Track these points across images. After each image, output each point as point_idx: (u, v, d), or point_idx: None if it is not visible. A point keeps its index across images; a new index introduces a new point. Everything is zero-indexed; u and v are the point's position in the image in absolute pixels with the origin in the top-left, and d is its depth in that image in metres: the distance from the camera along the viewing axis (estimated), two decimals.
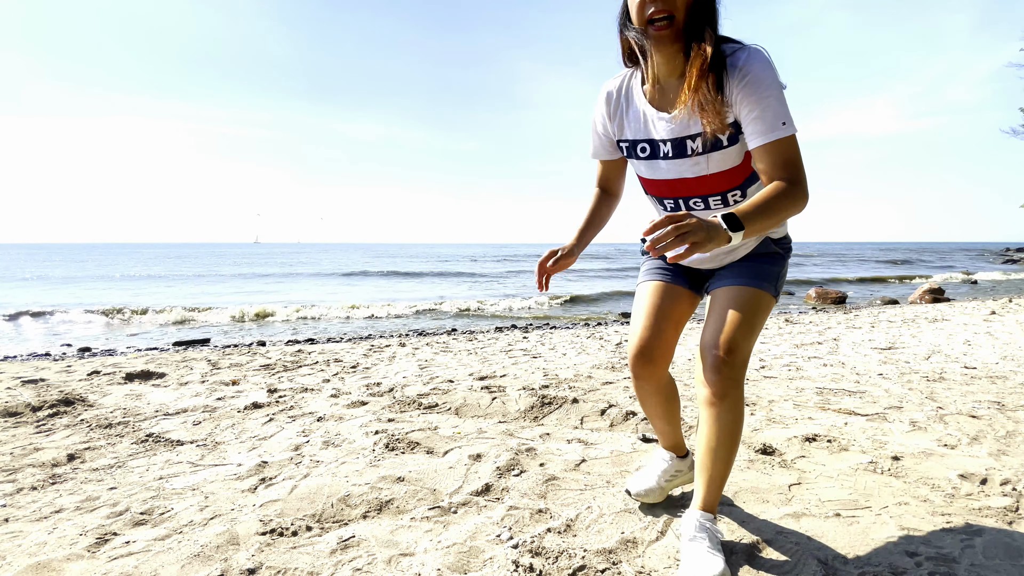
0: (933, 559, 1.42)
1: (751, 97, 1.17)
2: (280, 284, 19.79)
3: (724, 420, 1.32)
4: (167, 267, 30.39)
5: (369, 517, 1.72)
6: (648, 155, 1.37)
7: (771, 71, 1.17)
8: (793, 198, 1.16)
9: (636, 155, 1.40)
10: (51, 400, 3.25)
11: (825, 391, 3.20)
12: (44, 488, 2.02)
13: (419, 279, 22.01)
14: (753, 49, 1.19)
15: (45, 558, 1.49)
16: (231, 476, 2.08)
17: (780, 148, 1.17)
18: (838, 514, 1.67)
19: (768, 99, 1.16)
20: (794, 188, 1.16)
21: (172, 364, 4.76)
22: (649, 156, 1.37)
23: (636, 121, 1.36)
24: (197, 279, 22.24)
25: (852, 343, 5.15)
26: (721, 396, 1.30)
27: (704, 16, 1.20)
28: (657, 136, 1.33)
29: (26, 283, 20.80)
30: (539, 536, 1.56)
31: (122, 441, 2.56)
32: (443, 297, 14.17)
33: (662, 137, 1.32)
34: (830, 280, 19.09)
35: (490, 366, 4.35)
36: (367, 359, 4.90)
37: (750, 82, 1.17)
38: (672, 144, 1.31)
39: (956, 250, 71.42)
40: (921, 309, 8.88)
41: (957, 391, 3.12)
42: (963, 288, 16.33)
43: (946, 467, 1.99)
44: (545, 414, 2.84)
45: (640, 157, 1.39)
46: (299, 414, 2.95)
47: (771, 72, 1.17)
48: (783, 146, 1.17)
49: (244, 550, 1.52)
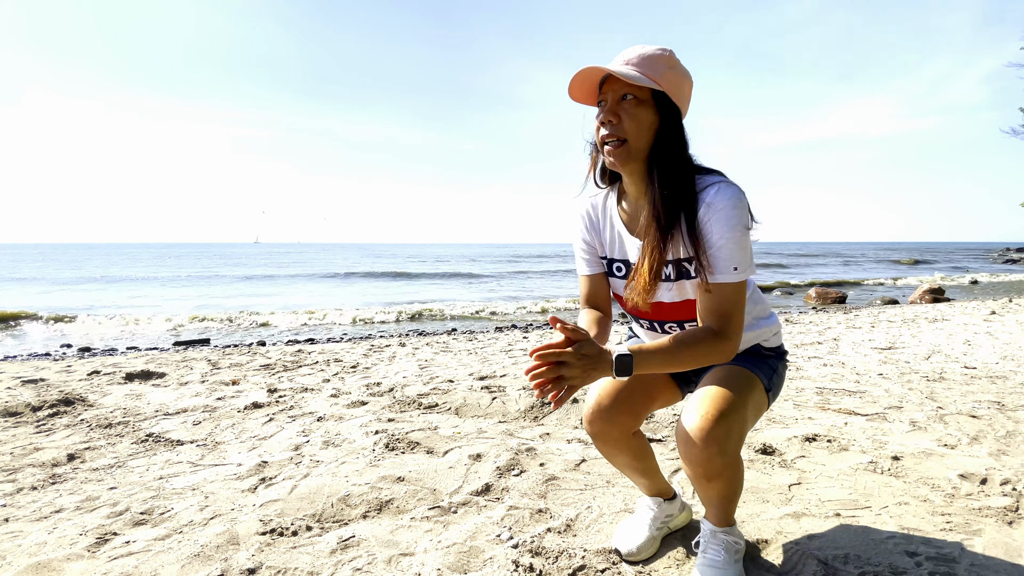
0: (933, 559, 1.42)
1: (712, 235, 1.13)
2: (271, 287, 18.86)
3: (722, 491, 1.22)
4: (165, 269, 29.98)
5: (369, 517, 1.72)
6: (623, 275, 1.33)
7: (737, 211, 1.12)
8: (712, 350, 1.13)
9: (613, 273, 1.37)
10: (51, 400, 3.25)
11: (825, 391, 3.20)
12: (44, 488, 2.02)
13: (415, 280, 21.50)
14: (724, 185, 1.14)
15: (45, 558, 1.49)
16: (231, 476, 2.08)
17: (722, 292, 1.14)
18: (838, 514, 1.67)
19: (727, 240, 1.12)
20: (718, 340, 1.13)
21: (172, 364, 4.76)
22: (625, 276, 1.33)
23: (612, 241, 1.33)
24: (192, 280, 21.80)
25: (852, 343, 5.15)
26: (714, 475, 1.17)
27: (666, 144, 1.15)
28: (632, 258, 1.29)
29: (20, 283, 20.49)
30: (539, 536, 1.56)
31: (122, 441, 2.56)
32: (445, 300, 14.02)
33: (636, 260, 1.28)
34: (876, 284, 18.00)
35: (490, 366, 4.35)
36: (367, 359, 4.90)
37: (714, 220, 1.13)
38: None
39: (956, 250, 71.42)
40: (921, 309, 8.88)
41: (957, 391, 3.12)
42: (963, 288, 16.32)
43: (946, 467, 1.99)
44: (545, 414, 2.84)
45: (617, 276, 1.36)
46: (299, 414, 2.95)
47: (737, 212, 1.12)
48: (726, 291, 1.14)
49: (244, 550, 1.52)
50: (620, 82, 1.14)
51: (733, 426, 1.15)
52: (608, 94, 1.16)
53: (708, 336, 1.14)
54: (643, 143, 1.15)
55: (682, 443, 1.18)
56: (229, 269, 29.61)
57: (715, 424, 1.13)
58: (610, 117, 1.14)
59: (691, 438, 1.15)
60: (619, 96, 1.14)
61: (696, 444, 1.14)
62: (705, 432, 1.13)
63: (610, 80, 1.15)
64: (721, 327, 1.14)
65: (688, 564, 1.42)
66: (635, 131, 1.14)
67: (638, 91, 1.13)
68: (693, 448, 1.15)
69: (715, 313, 1.15)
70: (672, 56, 1.16)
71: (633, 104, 1.13)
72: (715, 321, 1.15)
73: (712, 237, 1.13)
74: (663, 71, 1.13)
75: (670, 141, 1.15)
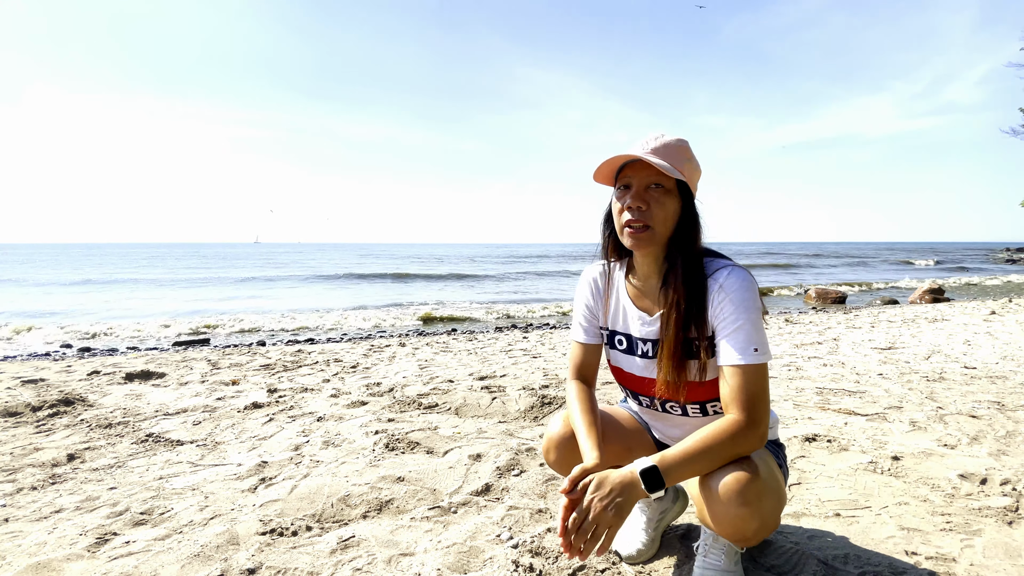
0: (933, 559, 1.42)
1: (728, 318, 1.13)
2: (275, 290, 17.49)
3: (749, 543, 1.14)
4: (159, 270, 29.25)
5: (369, 517, 1.72)
6: (625, 348, 1.33)
7: (750, 294, 1.14)
8: (742, 439, 1.06)
9: (614, 345, 1.36)
10: (51, 400, 3.24)
11: (825, 391, 3.20)
12: (44, 488, 2.02)
13: (412, 282, 20.48)
14: (735, 269, 1.16)
15: (45, 558, 1.49)
16: (231, 476, 2.08)
17: (745, 375, 1.10)
18: (838, 514, 1.67)
19: (743, 321, 1.12)
20: (747, 429, 1.07)
21: (172, 364, 4.76)
22: (626, 350, 1.32)
23: (616, 313, 1.33)
24: (188, 284, 20.89)
25: (852, 343, 5.15)
26: (747, 539, 1.09)
27: (686, 231, 1.18)
28: (635, 334, 1.29)
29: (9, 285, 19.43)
30: (539, 536, 1.56)
31: (122, 441, 2.56)
32: (442, 302, 13.55)
33: (641, 336, 1.28)
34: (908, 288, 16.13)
35: (490, 366, 4.35)
36: (367, 359, 4.90)
37: (728, 301, 1.13)
38: (651, 345, 1.26)
39: (956, 250, 71.39)
40: (921, 309, 8.89)
41: (957, 391, 3.12)
42: (963, 288, 16.32)
43: (946, 467, 1.99)
44: (545, 414, 2.84)
45: (617, 348, 1.35)
46: (299, 414, 2.95)
47: (750, 295, 1.13)
48: (749, 374, 1.10)
49: (244, 550, 1.52)
50: (648, 169, 1.16)
51: (767, 484, 1.08)
52: (633, 179, 1.17)
53: (734, 426, 1.07)
54: (667, 230, 1.18)
55: (710, 502, 1.09)
56: (227, 270, 28.41)
57: (748, 483, 1.05)
58: (639, 203, 1.16)
59: (721, 496, 1.06)
60: (646, 184, 1.16)
61: (729, 503, 1.05)
62: (736, 493, 1.05)
63: (636, 165, 1.17)
64: (748, 413, 1.08)
65: (688, 564, 1.42)
66: (662, 219, 1.16)
67: (665, 180, 1.16)
68: (720, 506, 1.07)
69: (740, 398, 1.09)
70: (689, 147, 1.20)
71: (661, 193, 1.16)
72: (741, 407, 1.08)
73: (728, 319, 1.13)
74: (684, 162, 1.17)
75: (689, 228, 1.19)
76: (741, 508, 1.04)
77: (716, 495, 1.07)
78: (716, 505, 1.07)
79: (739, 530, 1.07)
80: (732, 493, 1.05)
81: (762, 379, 1.10)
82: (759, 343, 1.11)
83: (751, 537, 1.09)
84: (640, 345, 1.29)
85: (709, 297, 1.16)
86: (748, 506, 1.04)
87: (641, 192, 1.16)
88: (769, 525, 1.09)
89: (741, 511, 1.04)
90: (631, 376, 1.34)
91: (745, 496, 1.04)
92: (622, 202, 1.19)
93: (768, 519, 1.08)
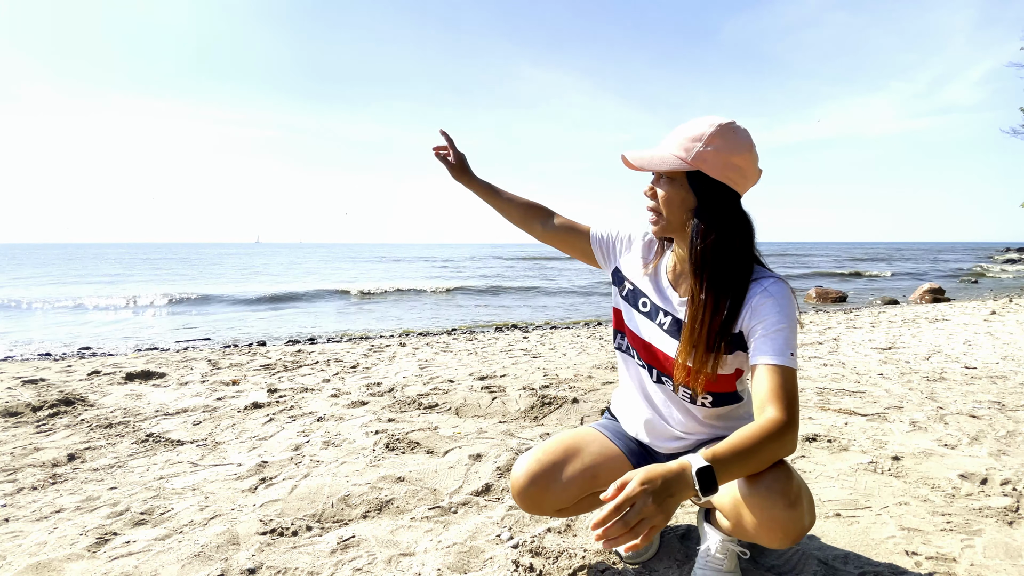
0: (933, 559, 1.42)
1: (770, 318, 1.12)
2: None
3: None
4: (162, 270, 27.96)
5: (369, 517, 1.73)
6: (647, 312, 1.32)
7: (791, 301, 1.14)
8: (782, 442, 1.02)
9: (637, 306, 1.34)
10: (51, 400, 3.25)
11: (825, 391, 3.20)
12: (44, 488, 2.02)
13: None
14: (780, 280, 1.16)
15: (45, 558, 1.49)
16: (231, 476, 2.08)
17: (784, 375, 1.08)
18: (838, 514, 1.67)
19: (784, 326, 1.11)
20: (787, 427, 1.03)
21: (172, 364, 4.76)
22: (648, 314, 1.31)
23: (653, 279, 1.32)
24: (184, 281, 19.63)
25: (852, 343, 5.14)
26: (795, 539, 1.06)
27: (707, 223, 1.14)
28: (662, 305, 1.29)
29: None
30: (539, 536, 1.56)
31: (122, 441, 2.56)
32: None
33: (666, 308, 1.28)
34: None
35: (490, 366, 4.35)
36: (367, 359, 4.90)
37: (771, 304, 1.12)
38: (672, 321, 1.26)
39: (956, 250, 71.36)
40: (921, 309, 8.88)
41: (957, 391, 3.12)
42: (963, 288, 16.32)
43: (946, 467, 1.99)
44: (545, 414, 2.84)
45: (640, 310, 1.33)
46: (299, 414, 2.95)
47: (791, 305, 1.14)
48: (788, 374, 1.08)
49: (244, 550, 1.52)
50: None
51: (802, 487, 1.07)
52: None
53: (777, 424, 1.03)
54: (677, 219, 1.18)
55: (758, 508, 1.05)
56: (238, 282, 20.45)
57: (791, 485, 1.04)
58: (648, 192, 1.22)
59: (769, 501, 1.03)
60: (657, 174, 1.20)
61: (777, 507, 1.02)
62: (783, 495, 1.02)
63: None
64: (788, 411, 1.05)
65: (688, 565, 1.42)
66: (667, 208, 1.18)
67: (666, 171, 1.17)
68: (769, 511, 1.03)
69: (781, 396, 1.06)
70: (722, 130, 1.14)
71: (665, 182, 1.18)
72: (780, 405, 1.05)
73: (770, 320, 1.12)
74: (698, 149, 1.13)
75: (710, 221, 1.14)
76: (789, 510, 1.02)
77: (765, 500, 1.03)
78: (766, 510, 1.03)
79: (790, 533, 1.04)
80: (779, 496, 1.02)
81: (795, 383, 1.10)
82: (795, 349, 1.11)
83: (798, 538, 1.06)
84: (661, 315, 1.28)
85: (748, 299, 1.15)
86: (795, 507, 1.02)
87: (653, 181, 1.21)
88: (810, 525, 1.09)
89: (791, 513, 1.02)
90: (648, 345, 1.32)
91: (790, 497, 1.02)
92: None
93: (810, 518, 1.08)
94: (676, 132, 1.17)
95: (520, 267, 31.22)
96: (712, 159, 1.13)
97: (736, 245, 1.15)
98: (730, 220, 1.15)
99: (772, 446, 1.01)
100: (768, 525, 1.04)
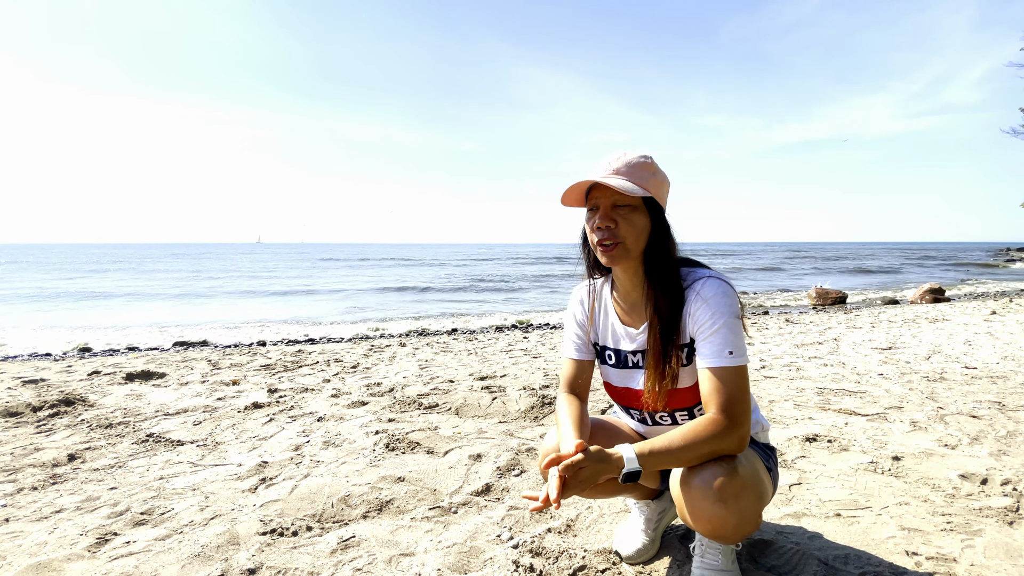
0: (933, 559, 1.41)
1: (705, 322, 1.16)
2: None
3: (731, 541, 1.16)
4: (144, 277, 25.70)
5: (369, 517, 1.73)
6: (615, 363, 1.36)
7: (727, 299, 1.17)
8: (722, 437, 1.08)
9: (604, 360, 1.39)
10: (52, 400, 3.25)
11: (825, 391, 3.20)
12: (44, 488, 2.02)
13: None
14: (711, 278, 1.20)
15: (45, 558, 1.49)
16: (231, 476, 2.08)
17: (723, 377, 1.12)
18: (838, 514, 1.66)
19: (720, 326, 1.15)
20: (727, 428, 1.09)
21: (172, 364, 4.76)
22: (615, 364, 1.35)
23: (605, 329, 1.37)
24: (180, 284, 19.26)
25: (852, 343, 5.14)
26: (725, 536, 1.12)
27: (658, 244, 1.21)
28: (624, 348, 1.33)
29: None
30: (539, 536, 1.56)
31: (122, 441, 2.56)
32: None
33: (629, 350, 1.32)
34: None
35: (490, 366, 4.35)
36: (367, 359, 4.90)
37: (704, 308, 1.17)
38: (640, 356, 1.30)
39: (956, 250, 71.34)
40: (921, 309, 8.88)
41: (957, 391, 3.12)
42: (963, 288, 16.31)
43: (946, 467, 1.99)
44: (545, 414, 2.84)
45: (608, 363, 1.38)
46: (299, 414, 2.95)
47: (727, 300, 1.17)
48: (727, 376, 1.12)
49: (244, 550, 1.52)
50: (611, 189, 1.18)
51: (747, 482, 1.10)
52: (600, 200, 1.21)
53: (712, 424, 1.10)
54: (639, 244, 1.21)
55: (688, 498, 1.12)
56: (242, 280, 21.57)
57: (725, 481, 1.07)
58: (607, 223, 1.20)
59: (698, 493, 1.10)
60: (611, 203, 1.20)
61: (705, 500, 1.08)
62: (712, 490, 1.08)
63: (600, 187, 1.20)
64: (728, 413, 1.10)
65: (688, 565, 1.42)
66: (632, 235, 1.20)
67: (631, 199, 1.19)
68: (697, 502, 1.10)
69: (716, 398, 1.12)
70: (653, 162, 1.23)
71: (628, 211, 1.19)
72: (718, 407, 1.11)
73: (705, 324, 1.16)
74: (649, 178, 1.20)
75: (661, 241, 1.22)
76: (717, 505, 1.08)
77: (694, 492, 1.10)
78: (694, 502, 1.11)
79: (716, 527, 1.10)
80: (709, 490, 1.08)
81: (739, 381, 1.13)
82: (735, 346, 1.14)
83: (730, 535, 1.11)
84: (629, 358, 1.32)
85: (686, 306, 1.20)
86: (724, 503, 1.07)
87: (608, 212, 1.20)
88: (748, 523, 1.11)
89: (717, 508, 1.08)
90: (622, 390, 1.36)
91: (722, 493, 1.07)
92: (591, 223, 1.23)
93: (747, 517, 1.10)
94: (616, 164, 1.20)
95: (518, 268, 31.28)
96: (657, 186, 1.21)
97: (672, 257, 1.23)
98: (671, 240, 1.23)
99: (705, 443, 1.08)
100: (695, 515, 1.12)
